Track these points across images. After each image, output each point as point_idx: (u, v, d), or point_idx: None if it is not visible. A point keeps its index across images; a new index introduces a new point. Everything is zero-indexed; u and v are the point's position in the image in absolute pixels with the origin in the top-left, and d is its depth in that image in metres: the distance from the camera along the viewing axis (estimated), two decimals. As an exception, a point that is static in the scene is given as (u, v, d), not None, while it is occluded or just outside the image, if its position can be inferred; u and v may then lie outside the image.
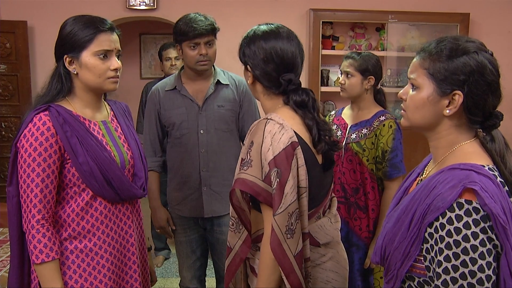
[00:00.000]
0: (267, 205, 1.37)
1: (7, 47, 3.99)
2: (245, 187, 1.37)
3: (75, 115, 1.52)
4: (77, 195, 1.52)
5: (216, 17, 2.18)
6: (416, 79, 1.14)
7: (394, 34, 4.25)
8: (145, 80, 5.63)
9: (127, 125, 1.69)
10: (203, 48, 2.19)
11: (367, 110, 2.30)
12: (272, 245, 1.33)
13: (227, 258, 1.49)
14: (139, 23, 5.13)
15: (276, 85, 1.49)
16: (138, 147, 1.68)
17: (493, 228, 0.98)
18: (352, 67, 2.25)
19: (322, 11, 4.13)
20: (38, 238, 1.43)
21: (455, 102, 1.09)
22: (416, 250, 1.07)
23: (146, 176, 1.68)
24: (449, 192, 1.01)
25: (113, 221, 1.58)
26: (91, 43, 1.48)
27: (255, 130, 1.42)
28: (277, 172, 1.33)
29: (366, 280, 2.29)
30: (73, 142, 1.47)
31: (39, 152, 1.43)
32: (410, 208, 1.09)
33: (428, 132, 1.17)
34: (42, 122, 1.45)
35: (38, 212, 1.44)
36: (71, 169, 1.49)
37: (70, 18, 1.53)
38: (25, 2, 4.11)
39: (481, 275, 0.96)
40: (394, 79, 4.33)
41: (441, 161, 1.15)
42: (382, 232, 1.19)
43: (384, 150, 2.19)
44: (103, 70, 1.50)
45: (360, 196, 2.24)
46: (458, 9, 4.23)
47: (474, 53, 1.08)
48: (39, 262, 1.43)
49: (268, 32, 1.50)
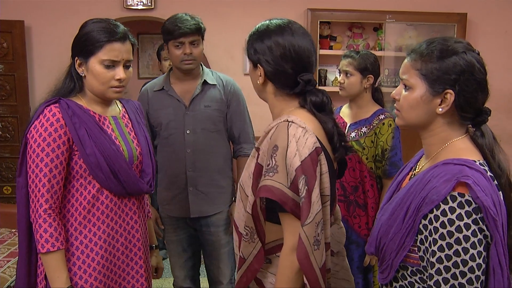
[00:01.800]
0: (292, 215, 1.26)
1: (4, 46, 3.98)
2: (272, 195, 1.24)
3: (85, 108, 1.55)
4: (83, 188, 1.54)
5: (213, 17, 2.19)
6: (409, 79, 1.18)
7: (391, 34, 4.25)
8: (142, 80, 5.62)
9: (138, 122, 1.72)
10: (187, 47, 2.21)
11: (365, 109, 2.31)
12: (299, 257, 1.23)
13: (239, 269, 1.38)
14: (136, 23, 5.12)
15: (291, 85, 1.37)
16: (148, 144, 1.70)
17: (483, 219, 1.04)
18: (352, 66, 2.26)
19: (319, 11, 4.13)
20: (45, 228, 1.45)
21: (447, 101, 1.14)
22: (411, 241, 1.12)
23: (154, 173, 1.70)
24: (443, 185, 1.06)
25: (118, 214, 1.59)
26: (100, 51, 1.51)
27: (277, 133, 1.29)
28: (305, 179, 1.23)
29: (366, 277, 2.31)
30: (81, 134, 1.50)
31: (48, 142, 1.46)
32: (405, 201, 1.14)
33: (422, 130, 1.22)
34: (52, 113, 1.49)
35: (46, 202, 1.46)
36: (79, 161, 1.51)
37: (91, 20, 1.57)
38: (22, 2, 4.10)
39: (472, 263, 1.03)
40: (391, 79, 4.34)
41: (434, 157, 1.20)
42: (377, 224, 1.23)
43: (384, 148, 2.21)
44: (107, 79, 1.53)
45: (359, 194, 2.26)
46: (456, 9, 4.24)
47: (463, 53, 1.13)
48: (45, 251, 1.45)
49: (283, 27, 1.37)
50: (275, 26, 1.38)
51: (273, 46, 1.35)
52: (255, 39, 1.39)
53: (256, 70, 1.40)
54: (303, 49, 1.35)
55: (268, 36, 1.37)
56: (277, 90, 1.40)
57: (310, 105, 1.37)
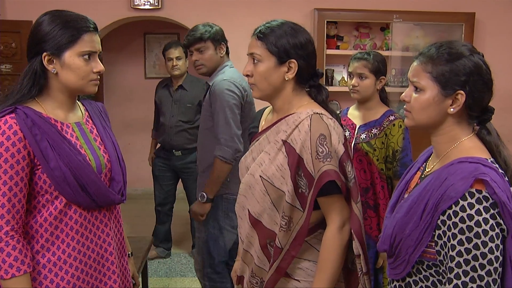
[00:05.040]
0: (342, 196, 1.44)
1: (12, 46, 4.01)
2: (337, 178, 1.39)
3: (45, 117, 1.41)
4: (49, 203, 1.41)
5: (219, 17, 2.21)
6: (420, 81, 1.23)
7: (398, 33, 4.24)
8: (149, 80, 5.64)
9: (103, 126, 1.59)
10: (194, 55, 2.54)
11: (375, 110, 2.30)
12: (356, 230, 1.44)
13: (275, 260, 1.46)
14: (143, 23, 5.14)
15: (307, 80, 1.51)
16: (115, 149, 1.58)
17: (500, 214, 1.10)
18: (367, 69, 2.24)
19: (326, 11, 4.13)
20: (8, 251, 1.32)
21: (458, 101, 1.20)
22: (429, 237, 1.17)
23: (125, 180, 1.58)
24: (461, 182, 1.12)
25: (89, 229, 1.48)
26: (76, 43, 1.39)
27: (316, 124, 1.41)
28: (350, 164, 1.44)
29: (376, 279, 2.31)
30: (43, 146, 1.36)
31: (5, 158, 1.32)
32: (422, 199, 1.19)
33: (432, 130, 1.27)
34: (8, 125, 1.33)
35: (7, 224, 1.33)
36: (42, 176, 1.38)
37: (47, 15, 1.43)
38: (30, 2, 4.13)
39: (491, 256, 1.08)
40: (398, 79, 4.32)
41: (444, 156, 1.25)
42: (391, 221, 1.27)
43: (394, 149, 2.21)
44: (87, 72, 1.42)
45: (370, 195, 2.26)
46: (463, 9, 4.21)
47: (470, 55, 1.20)
48: (9, 277, 1.32)
49: (297, 25, 1.51)
50: (293, 24, 1.49)
51: (307, 42, 1.48)
52: (287, 35, 1.45)
53: (282, 66, 1.46)
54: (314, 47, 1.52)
55: (299, 32, 1.48)
56: (297, 85, 1.50)
57: (322, 98, 1.52)
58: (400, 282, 1.28)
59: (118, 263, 1.57)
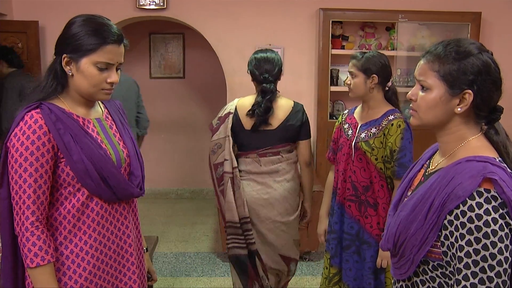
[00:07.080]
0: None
1: (19, 47, 4.03)
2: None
3: (68, 112, 1.46)
4: (71, 196, 1.46)
5: (224, 17, 2.19)
6: (426, 80, 1.21)
7: (404, 33, 4.22)
8: (154, 79, 5.65)
9: (122, 123, 1.64)
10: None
11: (377, 110, 2.31)
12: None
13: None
14: (149, 23, 5.15)
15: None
16: (133, 145, 1.62)
17: (509, 213, 1.07)
18: (355, 67, 2.29)
19: (331, 11, 4.12)
20: (33, 241, 1.38)
21: (466, 101, 1.17)
22: (434, 236, 1.14)
23: (143, 175, 1.63)
24: (469, 181, 1.09)
25: (109, 221, 1.53)
26: (94, 53, 1.43)
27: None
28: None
29: (378, 278, 2.30)
30: (66, 140, 1.42)
31: (31, 151, 1.38)
32: (427, 198, 1.16)
33: (438, 129, 1.25)
34: (33, 120, 1.39)
35: (32, 214, 1.38)
36: (65, 168, 1.43)
37: (80, 18, 1.48)
38: (37, 2, 4.15)
39: (500, 257, 1.05)
40: (404, 79, 4.30)
41: (451, 155, 1.23)
42: (395, 220, 1.24)
43: (392, 149, 2.20)
44: (99, 81, 1.45)
45: (370, 194, 2.26)
46: (470, 8, 4.19)
47: (478, 54, 1.17)
48: (34, 265, 1.37)
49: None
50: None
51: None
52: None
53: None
54: None
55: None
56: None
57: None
58: (406, 282, 1.26)
59: (136, 254, 1.62)
